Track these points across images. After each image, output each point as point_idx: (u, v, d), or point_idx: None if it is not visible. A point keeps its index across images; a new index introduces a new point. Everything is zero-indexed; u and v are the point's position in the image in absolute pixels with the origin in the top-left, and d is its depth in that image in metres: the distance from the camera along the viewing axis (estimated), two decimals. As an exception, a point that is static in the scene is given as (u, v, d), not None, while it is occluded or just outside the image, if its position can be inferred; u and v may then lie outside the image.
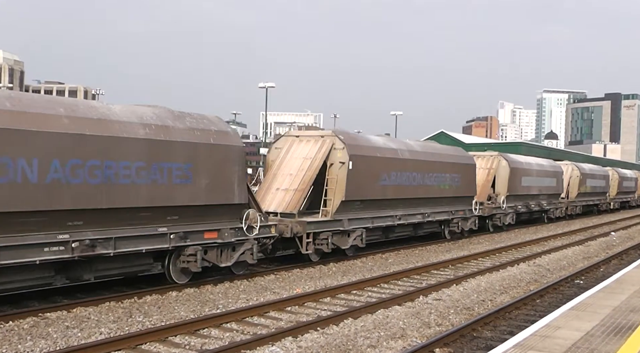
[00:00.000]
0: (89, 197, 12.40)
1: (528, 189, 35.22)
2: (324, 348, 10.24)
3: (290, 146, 20.33)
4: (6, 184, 11.12)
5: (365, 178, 20.36)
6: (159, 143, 13.73)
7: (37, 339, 10.25)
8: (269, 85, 67.36)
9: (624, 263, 21.63)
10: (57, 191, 11.89)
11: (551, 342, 8.65)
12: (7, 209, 11.19)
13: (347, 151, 19.51)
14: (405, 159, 22.88)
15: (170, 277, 14.66)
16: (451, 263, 20.17)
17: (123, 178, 12.98)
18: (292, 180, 19.22)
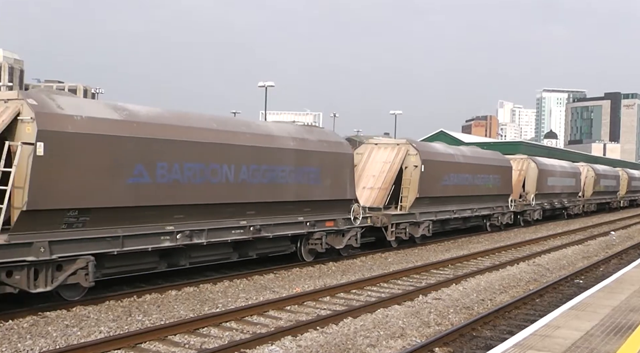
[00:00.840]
0: (261, 193, 16.34)
1: (552, 189, 38.93)
2: (324, 348, 10.24)
3: (370, 152, 23.98)
4: (218, 184, 14.96)
5: (432, 179, 24.30)
6: (302, 152, 17.75)
7: (36, 338, 10.25)
8: (268, 84, 67.31)
9: (624, 262, 21.64)
10: (245, 189, 15.80)
11: (551, 341, 8.65)
12: (220, 201, 15.14)
13: (420, 157, 23.38)
14: (460, 163, 26.87)
15: (301, 256, 18.61)
16: (451, 263, 20.18)
17: (281, 179, 16.95)
18: (375, 180, 23.05)
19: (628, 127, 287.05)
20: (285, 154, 17.08)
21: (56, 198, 11.68)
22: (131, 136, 12.99)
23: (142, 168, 13.19)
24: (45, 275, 11.65)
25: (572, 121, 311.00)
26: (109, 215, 12.66)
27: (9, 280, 11.15)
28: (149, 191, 13.39)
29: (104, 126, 12.53)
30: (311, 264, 18.54)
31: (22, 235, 11.33)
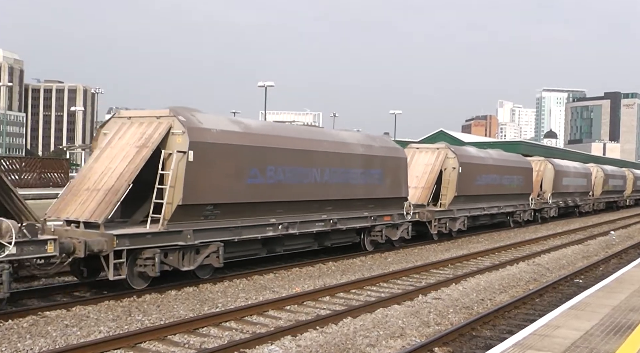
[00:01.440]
0: (338, 192, 19.19)
1: (567, 188, 42.20)
2: (323, 347, 10.24)
3: (412, 156, 26.34)
4: (308, 184, 17.91)
5: (468, 179, 27.31)
6: (368, 157, 20.67)
7: (36, 338, 10.25)
8: (268, 84, 67.41)
9: (624, 262, 21.64)
10: (327, 188, 18.69)
11: (550, 341, 8.66)
12: (309, 198, 17.95)
13: (458, 160, 26.38)
14: (489, 164, 30.09)
15: (364, 246, 21.36)
16: (450, 262, 20.18)
17: (352, 179, 19.82)
18: (419, 180, 25.56)
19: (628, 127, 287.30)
20: (356, 159, 20.08)
21: (200, 195, 14.55)
22: (249, 145, 15.95)
23: (257, 171, 16.17)
24: (189, 257, 14.53)
25: (572, 120, 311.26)
26: (233, 209, 15.61)
27: (166, 259, 13.99)
28: (261, 189, 16.33)
29: (231, 137, 15.47)
30: (311, 264, 18.55)
31: (175, 224, 14.13)
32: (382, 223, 21.49)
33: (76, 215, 13.34)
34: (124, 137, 14.80)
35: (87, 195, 13.70)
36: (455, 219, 26.50)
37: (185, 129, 14.24)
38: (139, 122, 14.94)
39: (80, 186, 14.00)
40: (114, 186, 13.57)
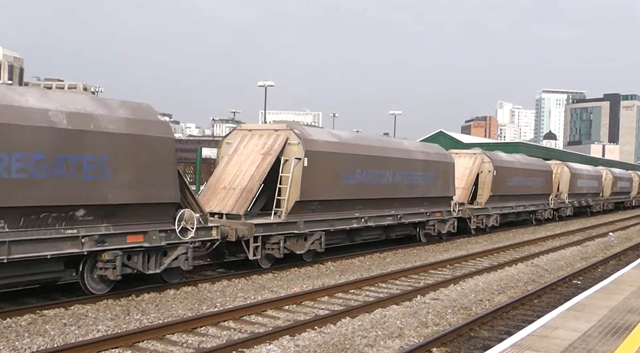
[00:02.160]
0: (404, 191, 22.74)
1: (581, 189, 46.04)
2: (322, 347, 10.25)
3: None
4: (383, 184, 21.53)
5: (500, 181, 31.48)
6: (426, 162, 24.32)
7: (34, 336, 10.26)
8: (268, 84, 67.33)
9: (622, 263, 21.64)
10: (396, 188, 22.25)
11: (548, 342, 8.67)
12: (384, 196, 21.63)
13: (493, 164, 30.03)
14: (518, 168, 34.32)
15: (419, 239, 25.02)
16: (449, 263, 20.19)
17: (415, 181, 23.48)
18: (459, 182, 28.38)
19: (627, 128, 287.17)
20: (417, 164, 23.64)
21: (310, 193, 18.05)
22: (345, 152, 19.64)
23: (350, 173, 19.79)
24: (300, 243, 18.06)
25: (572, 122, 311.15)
26: (331, 205, 19.18)
27: (285, 244, 17.32)
28: (351, 189, 19.92)
29: (332, 146, 19.17)
30: (310, 264, 18.56)
31: (292, 216, 17.68)
32: (435, 218, 25.08)
33: (219, 208, 16.94)
34: (248, 146, 18.87)
35: (225, 193, 17.46)
36: (489, 216, 30.13)
37: (301, 140, 17.88)
38: (259, 134, 18.87)
39: (217, 186, 17.76)
40: (247, 185, 17.37)
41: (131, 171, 13.24)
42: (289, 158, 17.93)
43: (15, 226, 11.36)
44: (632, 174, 67.17)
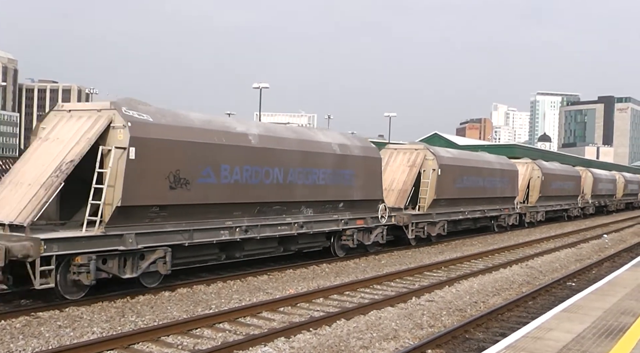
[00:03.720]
0: (481, 192, 29.16)
1: (600, 191, 54.20)
2: (317, 349, 10.26)
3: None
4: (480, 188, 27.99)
5: (548, 185, 39.08)
6: (501, 171, 31.62)
7: (29, 338, 10.24)
8: (262, 85, 67.34)
9: (616, 265, 21.71)
10: (472, 190, 28.40)
11: (543, 343, 8.70)
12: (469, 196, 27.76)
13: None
14: (557, 174, 41.87)
15: (494, 229, 32.37)
16: (444, 265, 20.21)
17: (490, 184, 30.06)
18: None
19: (621, 130, 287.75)
20: (495, 172, 31.72)
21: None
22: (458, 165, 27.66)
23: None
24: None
25: (566, 124, 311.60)
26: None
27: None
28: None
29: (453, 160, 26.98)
30: (306, 265, 18.56)
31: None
32: (504, 214, 30.54)
33: None
34: (397, 160, 24.76)
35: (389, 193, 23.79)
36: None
37: (435, 157, 25.10)
38: (403, 151, 25.61)
39: None
40: (401, 189, 24.18)
41: (362, 180, 20.65)
42: (427, 169, 25.16)
43: (317, 211, 19.04)
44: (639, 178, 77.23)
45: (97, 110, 13.56)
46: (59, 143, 13.34)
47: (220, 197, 15.29)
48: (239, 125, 16.60)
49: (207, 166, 14.83)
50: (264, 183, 16.50)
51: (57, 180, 12.50)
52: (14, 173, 13.29)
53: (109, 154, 12.98)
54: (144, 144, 13.30)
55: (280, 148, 17.15)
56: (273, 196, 16.92)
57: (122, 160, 12.97)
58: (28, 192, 12.52)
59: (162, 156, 13.76)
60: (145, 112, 13.88)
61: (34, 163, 13.20)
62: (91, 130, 13.24)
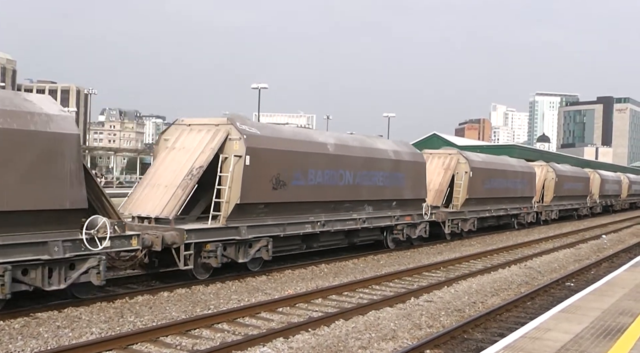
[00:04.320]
0: (504, 192, 32.33)
1: (607, 191, 57.56)
2: (315, 349, 10.27)
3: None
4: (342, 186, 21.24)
5: (561, 186, 42.48)
6: (522, 173, 35.18)
7: (28, 339, 10.25)
8: (261, 86, 67.46)
9: (615, 265, 21.71)
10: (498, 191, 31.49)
11: (541, 343, 8.70)
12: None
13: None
14: (569, 176, 45.20)
15: (514, 226, 35.10)
16: (442, 265, 20.22)
17: (512, 185, 32.69)
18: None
19: (620, 131, 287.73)
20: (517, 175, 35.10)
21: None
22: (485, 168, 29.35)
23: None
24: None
25: (565, 124, 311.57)
26: None
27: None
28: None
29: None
30: (304, 266, 18.57)
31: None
32: (525, 212, 33.31)
33: None
34: (432, 163, 27.25)
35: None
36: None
37: (467, 161, 28.57)
38: (438, 156, 29.04)
39: None
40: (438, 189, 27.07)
41: (411, 181, 23.45)
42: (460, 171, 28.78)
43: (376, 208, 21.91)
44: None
45: (215, 125, 16.48)
46: (185, 152, 16.30)
47: (307, 196, 18.39)
48: (319, 136, 19.94)
49: (299, 171, 17.90)
50: (338, 184, 19.62)
51: (190, 182, 15.53)
52: (149, 176, 16.28)
53: (227, 161, 15.92)
54: (255, 153, 16.23)
55: (350, 155, 20.23)
56: (344, 196, 20.03)
57: (240, 166, 15.89)
58: (167, 192, 15.43)
59: (267, 163, 16.74)
60: (253, 126, 16.91)
61: (166, 169, 16.15)
62: (213, 141, 16.09)
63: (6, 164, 11.03)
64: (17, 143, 11.18)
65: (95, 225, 12.48)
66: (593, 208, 51.96)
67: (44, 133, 11.59)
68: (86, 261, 12.44)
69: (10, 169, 11.07)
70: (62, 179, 11.81)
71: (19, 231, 11.32)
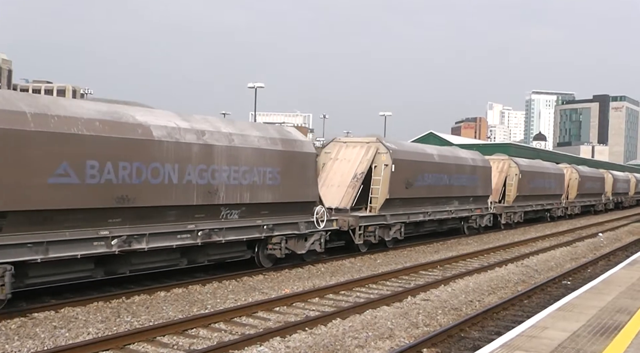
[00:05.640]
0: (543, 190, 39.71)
1: (618, 190, 64.39)
2: (312, 349, 10.26)
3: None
4: None
5: (584, 185, 48.16)
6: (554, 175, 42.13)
7: (24, 339, 10.23)
8: (258, 85, 67.36)
9: (611, 264, 21.73)
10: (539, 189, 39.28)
11: (538, 342, 8.71)
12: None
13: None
14: (589, 176, 51.68)
15: (547, 219, 41.17)
16: (439, 264, 20.23)
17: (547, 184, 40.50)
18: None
19: (616, 129, 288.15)
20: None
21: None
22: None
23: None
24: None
25: (561, 123, 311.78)
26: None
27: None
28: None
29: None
30: (301, 265, 18.57)
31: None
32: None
33: None
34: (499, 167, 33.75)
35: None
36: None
37: (517, 165, 34.95)
38: (492, 160, 32.96)
39: None
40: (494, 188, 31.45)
41: (482, 182, 30.41)
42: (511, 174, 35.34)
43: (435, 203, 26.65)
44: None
45: (367, 142, 23.24)
46: (346, 162, 22.96)
47: (423, 193, 24.94)
48: (429, 148, 27.29)
49: (419, 175, 24.49)
50: (440, 184, 26.15)
51: (357, 183, 22.33)
52: (323, 179, 22.45)
53: (378, 169, 22.64)
54: (397, 162, 22.78)
55: (447, 162, 26.97)
56: (444, 193, 26.72)
57: (387, 172, 22.54)
58: (339, 190, 22.16)
59: (402, 169, 23.18)
60: (391, 142, 24.18)
61: (335, 173, 22.81)
62: (367, 155, 22.83)
63: (289, 173, 17.64)
64: (292, 159, 17.87)
65: (319, 212, 18.74)
66: (607, 204, 59.30)
67: (301, 153, 18.34)
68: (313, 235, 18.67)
69: (290, 176, 17.72)
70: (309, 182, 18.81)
71: (290, 215, 18.01)
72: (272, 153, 17.07)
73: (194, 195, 14.79)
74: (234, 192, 15.87)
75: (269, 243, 17.27)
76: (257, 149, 16.60)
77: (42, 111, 12.01)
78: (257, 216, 16.76)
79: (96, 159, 12.63)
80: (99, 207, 12.77)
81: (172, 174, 14.19)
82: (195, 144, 14.80)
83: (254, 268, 17.32)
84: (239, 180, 16.01)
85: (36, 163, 11.69)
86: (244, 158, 16.16)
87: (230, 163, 15.72)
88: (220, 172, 15.43)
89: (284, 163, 17.38)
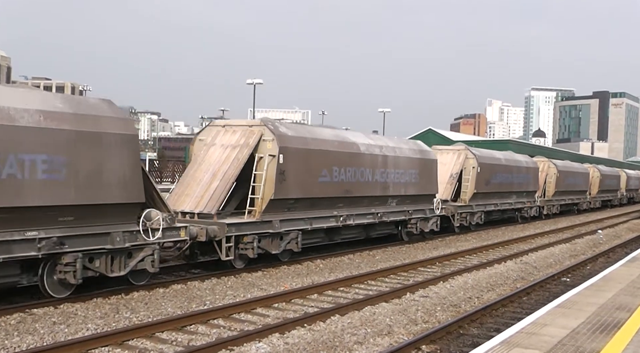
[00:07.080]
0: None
1: (630, 186, 72.00)
2: (311, 345, 10.26)
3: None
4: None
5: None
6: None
7: (24, 335, 10.22)
8: (256, 81, 67.24)
9: (611, 261, 21.75)
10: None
11: (537, 339, 8.70)
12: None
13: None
14: (607, 174, 56.67)
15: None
16: (438, 261, 20.23)
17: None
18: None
19: (616, 126, 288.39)
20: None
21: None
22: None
23: None
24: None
25: (561, 119, 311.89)
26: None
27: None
28: None
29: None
30: (300, 261, 18.56)
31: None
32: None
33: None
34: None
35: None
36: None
37: (555, 166, 40.89)
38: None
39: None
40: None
41: (532, 179, 37.25)
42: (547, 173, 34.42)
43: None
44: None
45: (457, 149, 27.15)
46: (443, 165, 25.54)
47: (496, 188, 31.96)
48: (496, 154, 34.23)
49: (494, 174, 30.46)
50: (506, 182, 32.79)
51: (454, 181, 26.76)
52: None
53: (467, 170, 26.05)
54: (481, 165, 26.32)
55: (510, 164, 33.00)
56: (508, 189, 33.47)
57: (474, 172, 26.17)
58: (441, 186, 25.30)
59: (484, 170, 28.91)
60: (476, 149, 27.77)
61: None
62: (459, 159, 26.99)
63: (422, 174, 23.57)
64: (424, 164, 24.31)
65: (436, 201, 21.15)
66: (621, 199, 65.29)
67: (429, 159, 25.41)
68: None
69: (423, 176, 23.85)
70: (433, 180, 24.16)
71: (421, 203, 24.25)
72: (415, 160, 23.92)
73: (377, 189, 21.67)
74: (396, 187, 22.73)
75: (408, 223, 24.02)
76: (407, 157, 23.48)
77: (314, 136, 19.02)
78: (404, 204, 23.43)
79: (337, 165, 19.45)
80: (335, 196, 19.54)
81: (369, 175, 21.07)
82: (379, 155, 21.78)
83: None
84: (399, 179, 22.86)
85: (314, 169, 18.44)
86: (402, 163, 23.03)
87: (395, 167, 22.59)
88: (390, 174, 22.26)
89: (420, 166, 24.16)
